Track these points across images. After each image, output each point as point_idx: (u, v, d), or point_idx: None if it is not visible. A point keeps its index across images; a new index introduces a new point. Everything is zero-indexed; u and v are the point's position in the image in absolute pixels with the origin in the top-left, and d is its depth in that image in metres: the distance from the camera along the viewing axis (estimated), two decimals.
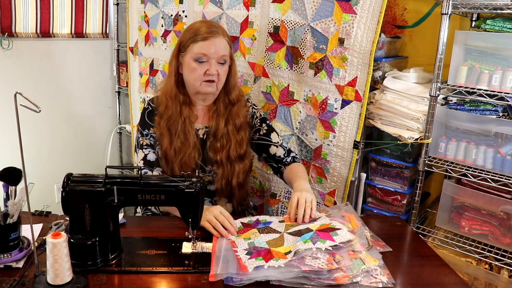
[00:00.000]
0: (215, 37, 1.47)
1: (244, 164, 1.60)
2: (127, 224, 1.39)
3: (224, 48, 1.49)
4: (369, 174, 1.89)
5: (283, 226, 1.30)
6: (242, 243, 1.22)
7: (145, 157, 1.53)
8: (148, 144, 1.56)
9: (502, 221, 1.58)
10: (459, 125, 1.61)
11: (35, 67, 2.49)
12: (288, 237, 1.23)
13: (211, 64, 1.47)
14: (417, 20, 1.93)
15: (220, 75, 1.50)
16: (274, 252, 1.15)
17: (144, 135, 1.56)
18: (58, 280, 1.00)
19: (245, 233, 1.29)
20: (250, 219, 1.37)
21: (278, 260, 1.11)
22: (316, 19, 1.71)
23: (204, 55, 1.46)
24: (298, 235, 1.21)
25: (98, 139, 2.96)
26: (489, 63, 1.52)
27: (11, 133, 2.36)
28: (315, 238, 1.16)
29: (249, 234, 1.28)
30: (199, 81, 1.49)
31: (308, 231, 1.21)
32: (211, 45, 1.46)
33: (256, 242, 1.21)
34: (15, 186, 1.14)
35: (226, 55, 1.49)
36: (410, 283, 1.14)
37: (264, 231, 1.29)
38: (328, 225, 1.23)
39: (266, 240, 1.22)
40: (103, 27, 2.79)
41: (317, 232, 1.19)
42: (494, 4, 1.45)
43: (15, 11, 2.32)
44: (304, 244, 1.13)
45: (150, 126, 1.57)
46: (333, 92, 1.73)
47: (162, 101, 1.56)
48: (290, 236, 1.23)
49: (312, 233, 1.19)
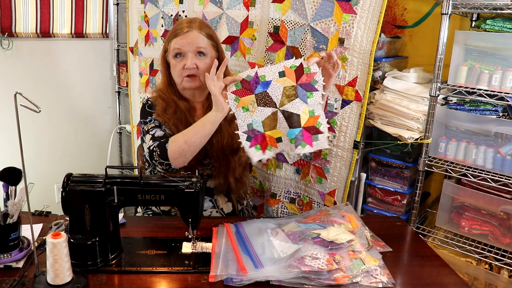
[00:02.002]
0: (188, 31, 1.49)
1: (239, 157, 1.60)
2: (127, 224, 1.39)
3: (201, 40, 1.49)
4: (369, 174, 1.89)
5: (280, 91, 1.34)
6: (242, 117, 1.34)
7: (153, 135, 1.49)
8: (153, 126, 1.53)
9: (502, 221, 1.58)
10: (459, 125, 1.61)
11: (35, 67, 2.49)
12: (280, 118, 1.34)
13: (188, 58, 1.48)
14: (417, 20, 1.93)
15: (200, 68, 1.50)
16: (268, 137, 1.35)
17: (148, 122, 1.54)
18: (58, 280, 1.00)
19: (243, 97, 1.34)
20: (248, 73, 1.35)
21: (271, 149, 1.35)
22: (316, 19, 1.71)
23: (179, 49, 1.49)
24: (288, 122, 1.33)
25: (98, 139, 2.96)
26: (489, 63, 1.52)
27: (11, 133, 2.36)
28: (299, 138, 1.33)
29: (247, 102, 1.34)
30: (181, 77, 1.51)
31: (297, 124, 1.33)
32: (183, 40, 1.48)
33: (254, 122, 1.34)
34: (15, 186, 1.14)
35: (202, 47, 1.49)
36: (410, 283, 1.14)
37: (262, 101, 1.34)
38: (316, 118, 1.34)
39: (262, 120, 1.35)
40: (103, 27, 2.79)
41: (303, 130, 1.33)
42: (494, 4, 1.45)
43: (15, 11, 2.32)
44: (289, 143, 1.34)
45: (152, 113, 1.56)
46: (333, 92, 1.73)
47: (160, 97, 1.57)
48: (282, 118, 1.34)
49: (299, 131, 1.33)
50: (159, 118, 1.54)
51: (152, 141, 1.46)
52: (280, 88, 1.33)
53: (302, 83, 1.34)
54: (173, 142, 1.39)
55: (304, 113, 1.34)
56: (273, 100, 1.34)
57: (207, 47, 1.51)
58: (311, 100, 1.34)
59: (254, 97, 1.34)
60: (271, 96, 1.34)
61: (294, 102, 1.34)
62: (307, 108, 1.34)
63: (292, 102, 1.34)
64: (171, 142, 1.40)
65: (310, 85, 1.34)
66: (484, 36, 1.55)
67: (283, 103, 1.34)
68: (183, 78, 1.51)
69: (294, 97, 1.33)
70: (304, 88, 1.34)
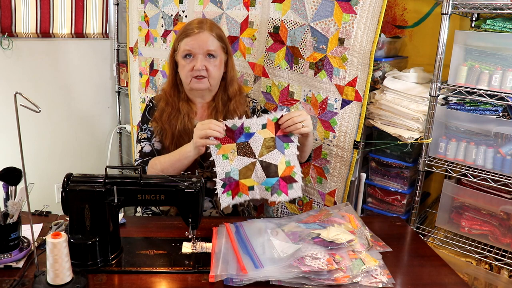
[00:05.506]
0: (199, 32, 1.49)
1: None
2: (127, 224, 1.39)
3: (211, 42, 1.50)
4: (369, 174, 1.89)
5: (260, 142, 1.39)
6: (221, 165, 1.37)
7: (141, 149, 1.57)
8: (145, 137, 1.59)
9: (502, 221, 1.58)
10: (459, 125, 1.61)
11: (35, 67, 2.49)
12: (258, 169, 1.39)
13: (197, 60, 1.49)
14: (417, 20, 1.93)
15: (209, 70, 1.51)
16: (241, 185, 1.39)
17: (142, 130, 1.60)
18: (58, 280, 1.00)
19: (225, 145, 1.38)
20: (234, 123, 1.39)
21: (241, 195, 1.39)
22: (316, 19, 1.71)
23: (189, 51, 1.50)
24: (266, 171, 1.39)
25: (98, 139, 2.96)
26: (489, 63, 1.52)
27: (11, 133, 2.36)
28: (275, 187, 1.39)
29: (227, 150, 1.38)
30: (189, 78, 1.52)
31: (275, 174, 1.39)
32: (194, 41, 1.49)
33: (232, 171, 1.38)
34: (15, 186, 1.14)
35: (213, 49, 1.51)
36: (410, 283, 1.14)
37: (242, 150, 1.39)
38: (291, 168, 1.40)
39: (240, 168, 1.39)
40: (103, 27, 2.79)
41: (280, 179, 1.39)
42: (494, 4, 1.45)
43: (15, 11, 2.32)
44: (265, 191, 1.39)
45: (149, 121, 1.60)
46: (333, 92, 1.73)
47: (162, 98, 1.59)
48: (259, 168, 1.39)
49: (276, 180, 1.38)
50: (154, 124, 1.57)
51: (139, 156, 1.56)
52: (261, 139, 1.40)
53: (280, 135, 1.42)
54: (151, 168, 1.48)
55: (281, 163, 1.41)
56: (253, 151, 1.40)
57: (217, 49, 1.52)
58: (288, 151, 1.42)
59: (236, 146, 1.39)
60: (252, 147, 1.39)
61: (273, 153, 1.40)
62: (284, 158, 1.41)
63: (271, 153, 1.40)
64: (150, 167, 1.49)
65: (287, 137, 1.43)
66: (484, 36, 1.55)
67: (262, 154, 1.40)
68: (192, 79, 1.51)
69: (273, 148, 1.40)
70: (281, 139, 1.42)
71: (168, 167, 1.45)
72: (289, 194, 1.40)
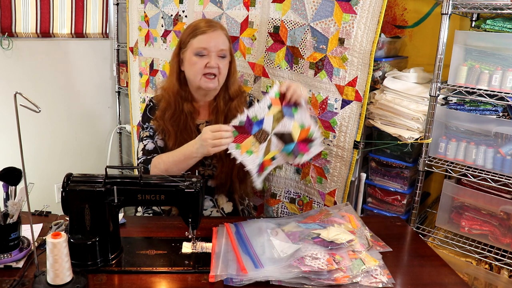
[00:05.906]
0: (214, 30, 1.50)
1: None
2: (127, 224, 1.39)
3: (223, 42, 1.51)
4: (369, 174, 1.89)
5: (270, 121, 1.38)
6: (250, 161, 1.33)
7: (144, 147, 1.56)
8: (147, 135, 1.58)
9: (502, 221, 1.58)
10: (459, 125, 1.61)
11: (35, 67, 2.49)
12: (274, 141, 1.39)
13: (211, 57, 1.49)
14: (417, 20, 1.93)
15: (221, 69, 1.51)
16: (265, 161, 1.39)
17: (144, 128, 1.59)
18: (58, 280, 1.00)
19: (243, 142, 1.35)
20: (240, 119, 1.35)
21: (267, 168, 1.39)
22: (316, 19, 1.71)
23: (204, 48, 1.49)
24: (282, 140, 1.39)
25: (98, 139, 2.96)
26: (489, 63, 1.52)
27: (11, 133, 2.36)
28: (295, 151, 1.38)
29: (248, 145, 1.35)
30: (200, 75, 1.50)
31: (291, 140, 1.38)
32: (210, 39, 1.48)
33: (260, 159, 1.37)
34: (15, 186, 1.14)
35: (225, 49, 1.52)
36: (410, 283, 1.14)
37: (261, 138, 1.37)
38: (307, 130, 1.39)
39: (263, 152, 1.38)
40: (103, 27, 2.79)
41: (298, 143, 1.38)
42: (494, 4, 1.45)
43: (15, 11, 2.32)
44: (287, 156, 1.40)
45: (150, 119, 1.60)
46: (333, 92, 1.73)
47: (164, 98, 1.58)
48: (275, 139, 1.39)
49: (294, 145, 1.38)
50: (155, 123, 1.56)
51: (142, 154, 1.54)
52: (271, 118, 1.39)
53: (286, 104, 1.40)
54: (154, 167, 1.46)
55: (294, 128, 1.40)
56: (268, 131, 1.39)
57: (227, 50, 1.53)
58: (298, 114, 1.40)
59: (253, 137, 1.37)
60: (267, 130, 1.38)
61: (282, 122, 1.39)
62: (295, 123, 1.40)
63: (280, 123, 1.39)
64: (153, 167, 1.47)
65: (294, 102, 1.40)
66: (484, 36, 1.55)
67: (274, 127, 1.39)
68: (201, 77, 1.50)
69: (282, 118, 1.39)
70: (288, 106, 1.40)
71: (172, 166, 1.43)
72: (310, 153, 1.41)
